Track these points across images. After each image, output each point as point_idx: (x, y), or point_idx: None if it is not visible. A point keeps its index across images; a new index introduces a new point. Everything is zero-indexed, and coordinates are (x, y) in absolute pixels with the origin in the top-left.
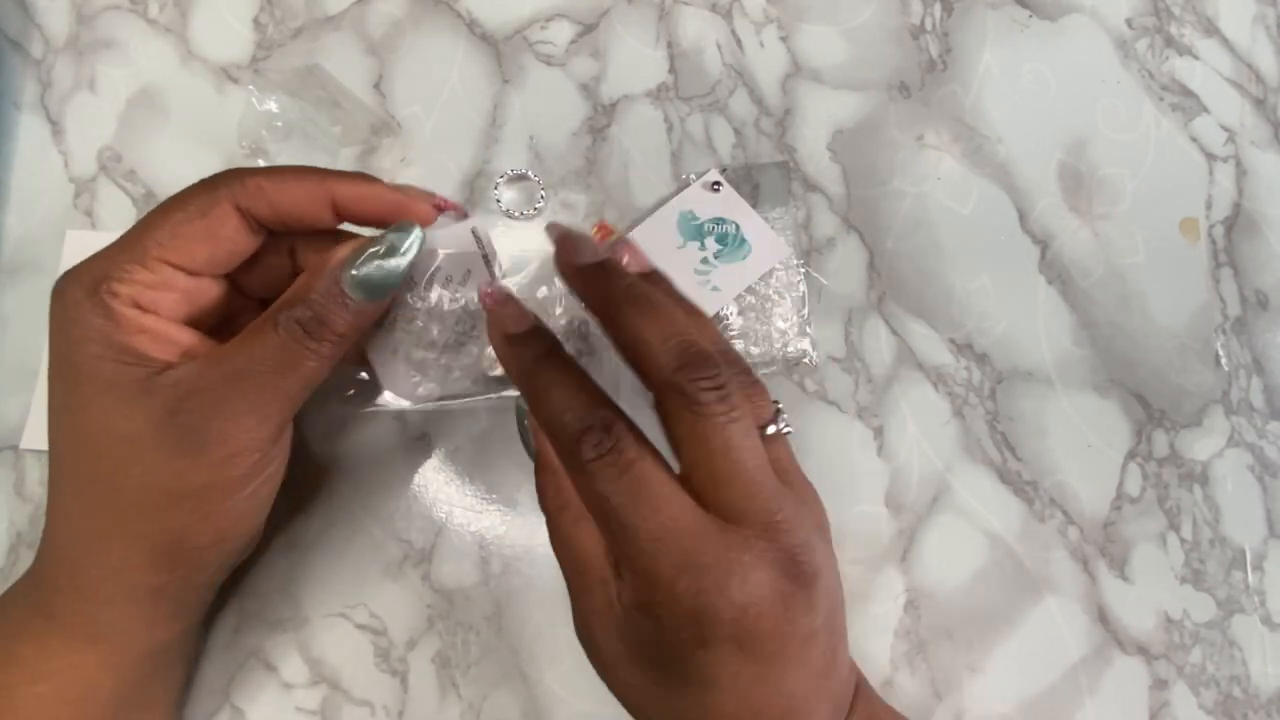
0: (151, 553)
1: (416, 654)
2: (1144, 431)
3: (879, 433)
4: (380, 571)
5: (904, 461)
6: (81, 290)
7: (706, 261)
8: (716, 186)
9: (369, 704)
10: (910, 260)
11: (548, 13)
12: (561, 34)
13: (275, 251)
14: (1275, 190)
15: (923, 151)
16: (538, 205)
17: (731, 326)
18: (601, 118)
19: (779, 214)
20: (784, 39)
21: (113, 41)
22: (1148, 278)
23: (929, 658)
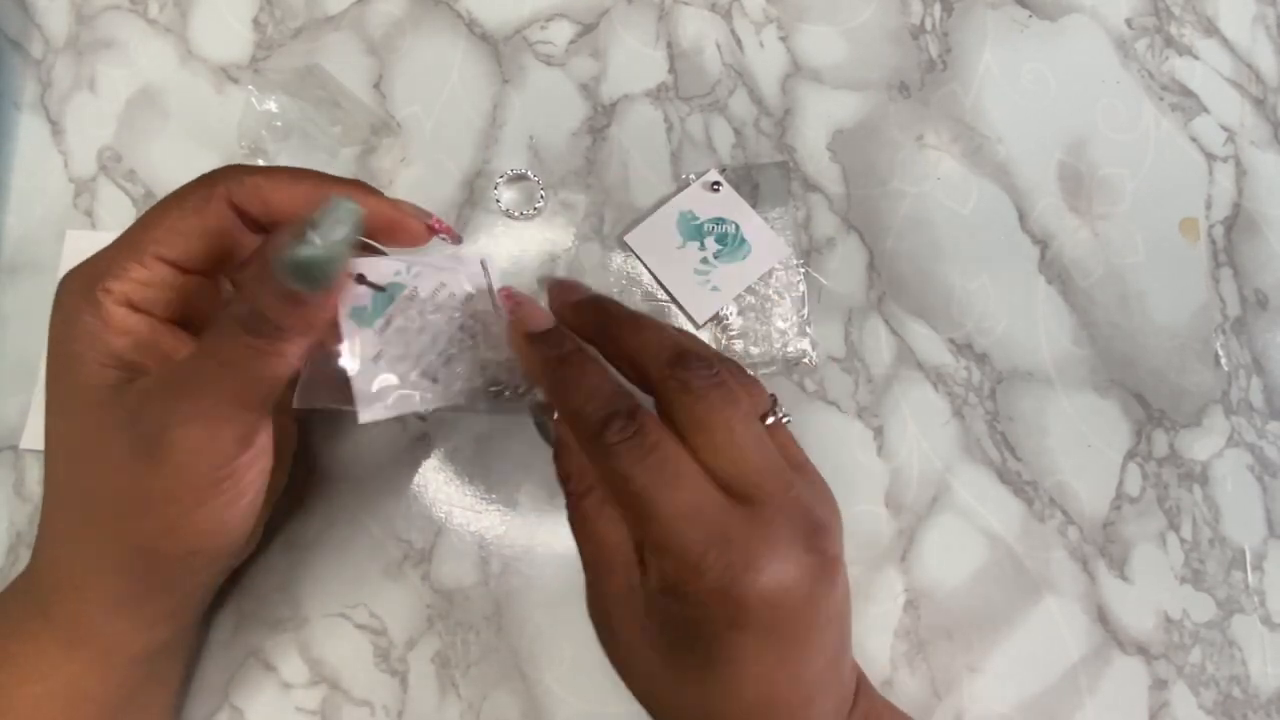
0: (123, 560)
1: (416, 654)
2: (1144, 431)
3: (879, 433)
4: (380, 571)
5: (904, 461)
6: (78, 288)
7: (706, 261)
8: (716, 186)
9: (369, 704)
10: (910, 260)
11: (548, 13)
12: (561, 34)
13: None
14: (1275, 190)
15: (922, 151)
16: (537, 205)
17: (731, 326)
18: (601, 118)
19: (779, 214)
20: (784, 39)
21: (113, 41)
22: (1148, 278)
23: (929, 658)
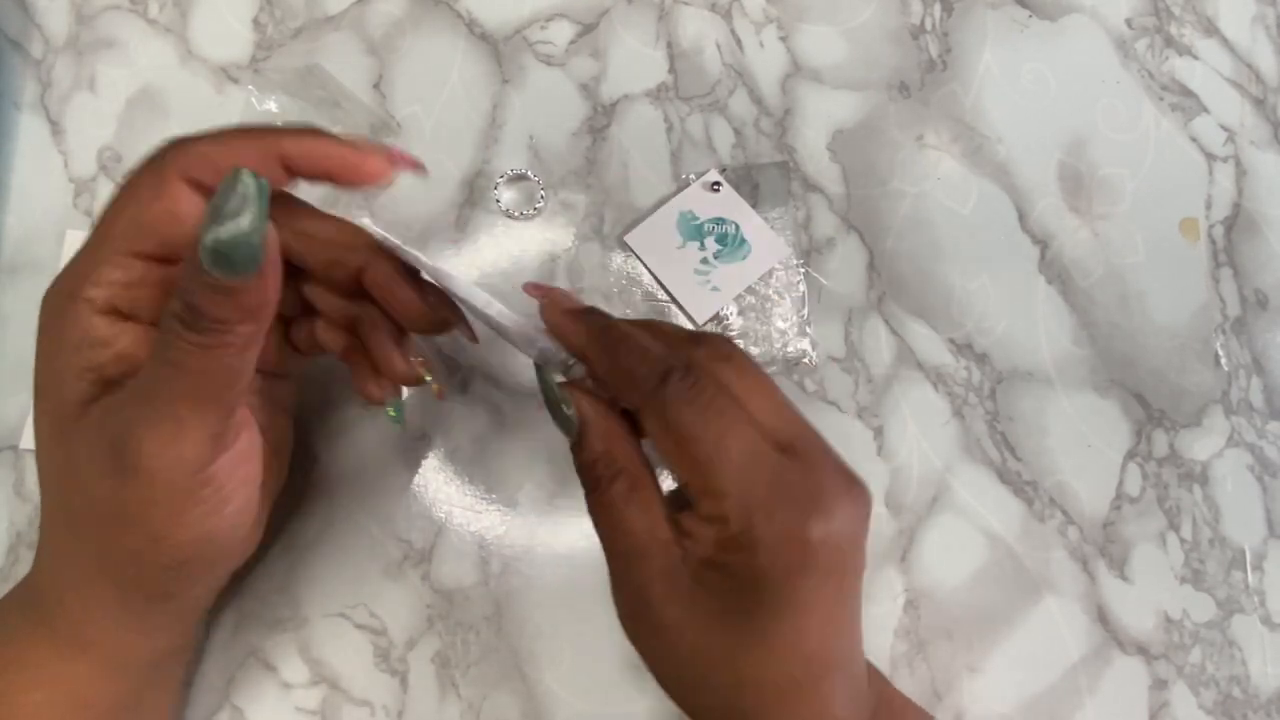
0: (116, 572)
1: (416, 654)
2: (1144, 431)
3: (879, 433)
4: (380, 571)
5: (904, 461)
6: (58, 301)
7: (706, 261)
8: (716, 186)
9: (369, 704)
10: (910, 260)
11: (547, 13)
12: (561, 34)
13: None
14: (1275, 190)
15: (922, 151)
16: (537, 205)
17: (731, 326)
18: (601, 118)
19: (779, 214)
20: (784, 39)
21: (113, 41)
22: (1148, 278)
23: (929, 658)
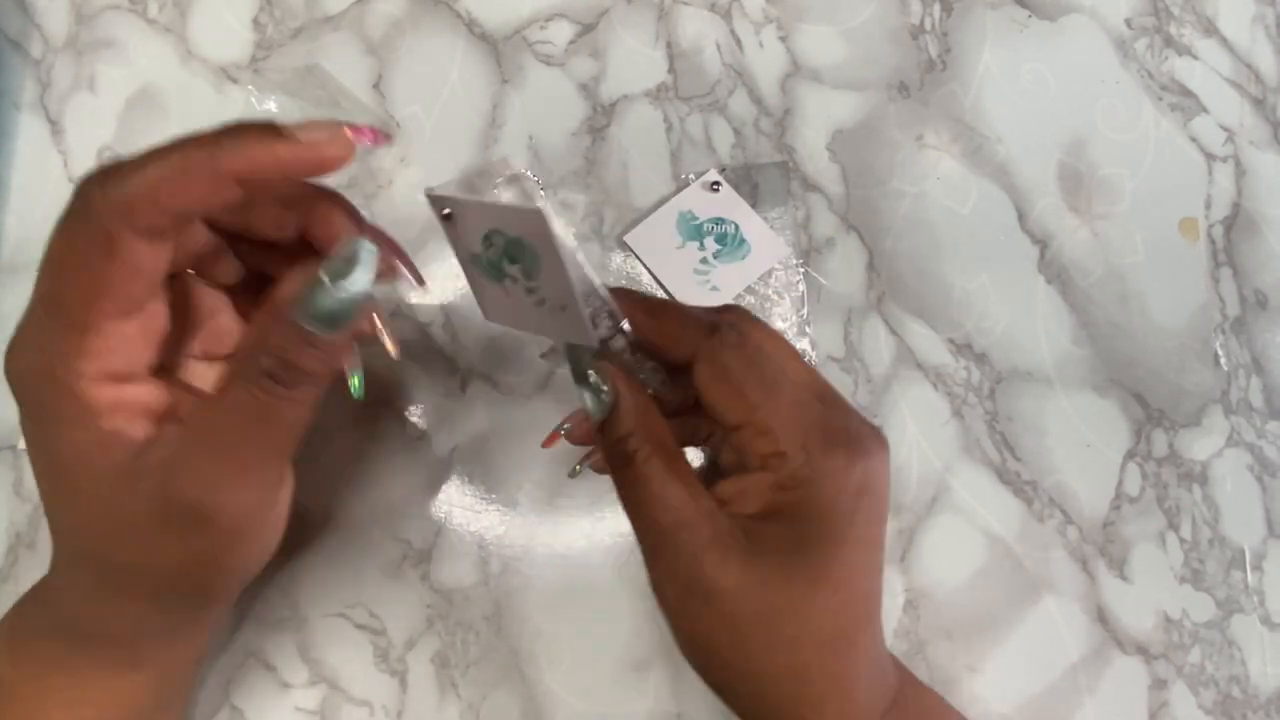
0: (166, 606)
1: (416, 654)
2: (1143, 431)
3: None
4: (380, 571)
5: (903, 461)
6: (44, 379)
7: (706, 261)
8: (716, 186)
9: (368, 704)
10: (910, 260)
11: (547, 13)
12: (561, 34)
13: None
14: (1275, 190)
15: (922, 151)
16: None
17: None
18: (601, 118)
19: (778, 214)
20: (783, 39)
21: (112, 41)
22: (1147, 278)
23: (929, 658)
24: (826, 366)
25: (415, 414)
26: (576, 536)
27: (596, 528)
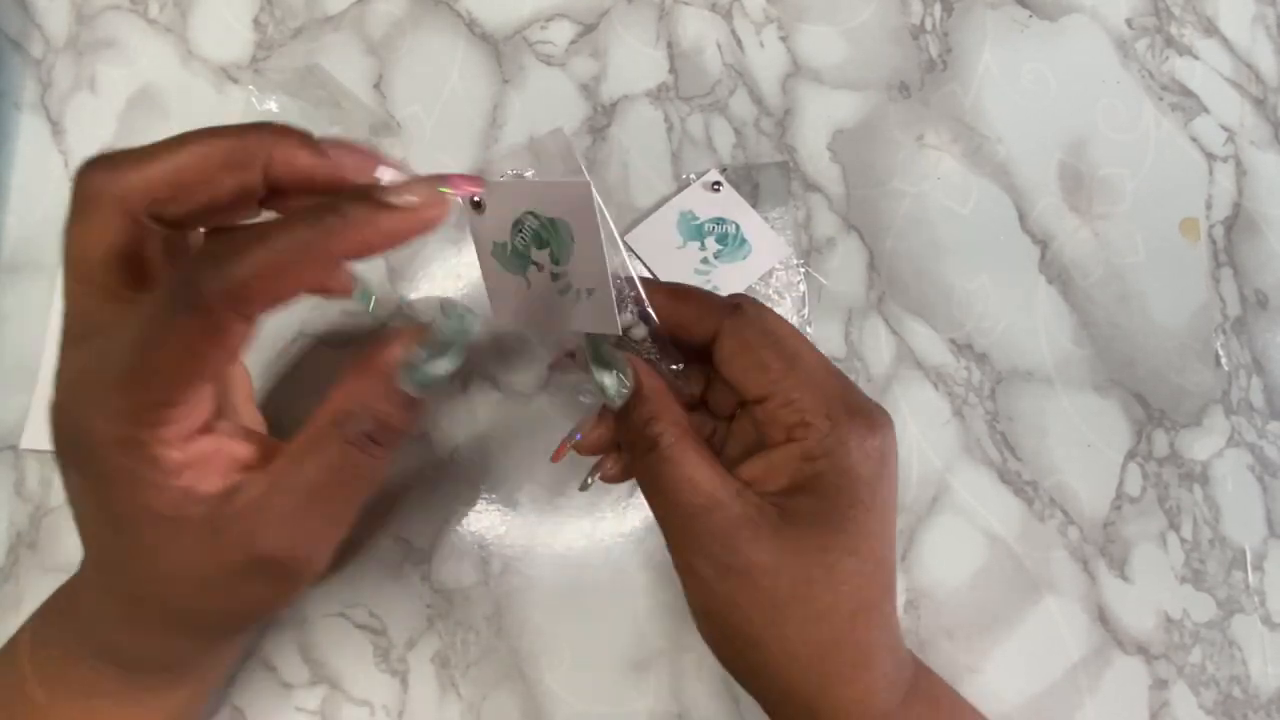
0: (221, 638)
1: (416, 654)
2: (1144, 431)
3: None
4: (380, 571)
5: (903, 461)
6: (119, 447)
7: (706, 261)
8: (716, 186)
9: (369, 704)
10: (910, 260)
11: (548, 13)
12: (561, 34)
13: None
14: (1275, 190)
15: (922, 151)
16: None
17: None
18: (601, 118)
19: (779, 214)
20: (784, 39)
21: (113, 41)
22: (1148, 278)
23: (929, 658)
24: None
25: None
26: (576, 536)
27: (596, 528)
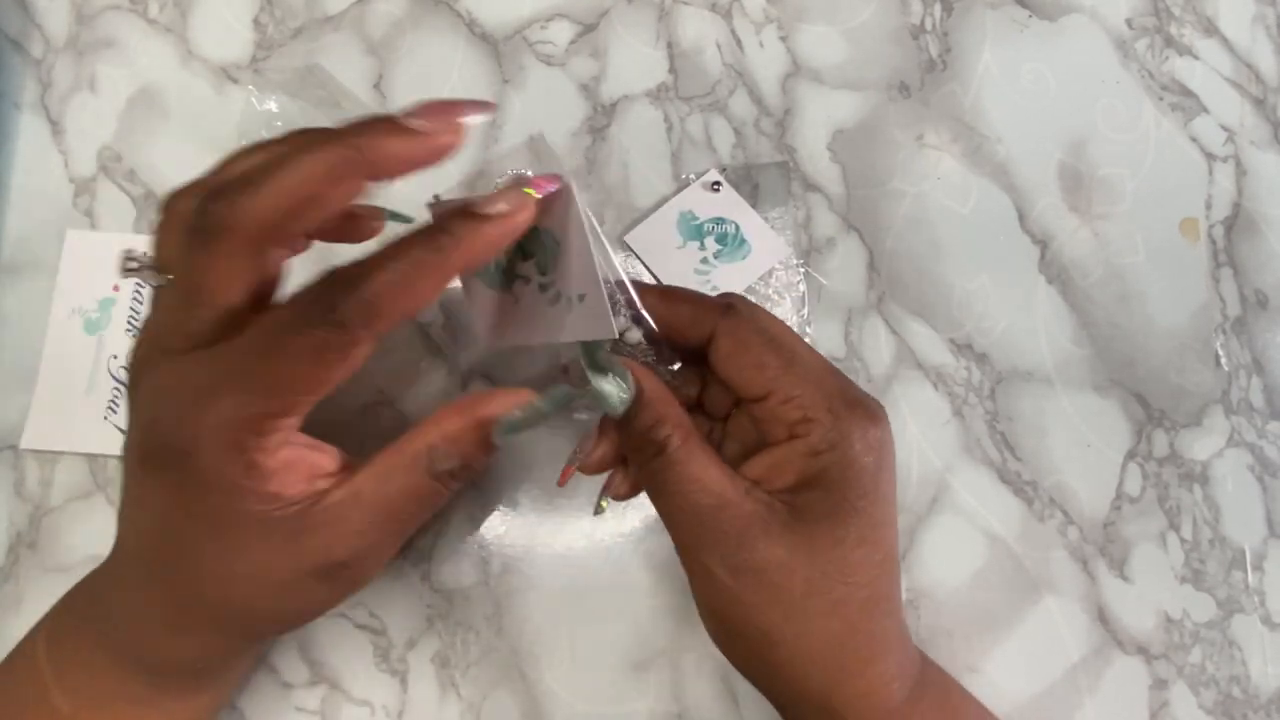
0: (275, 637)
1: (416, 654)
2: (1144, 431)
3: None
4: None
5: (903, 461)
6: (223, 450)
7: (706, 261)
8: (716, 186)
9: (369, 704)
10: (910, 260)
11: (548, 13)
12: (561, 34)
13: None
14: (1275, 190)
15: (922, 151)
16: None
17: None
18: (601, 118)
19: (779, 214)
20: (784, 39)
21: (113, 41)
22: (1148, 278)
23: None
24: None
25: (416, 414)
26: (576, 536)
27: (596, 528)
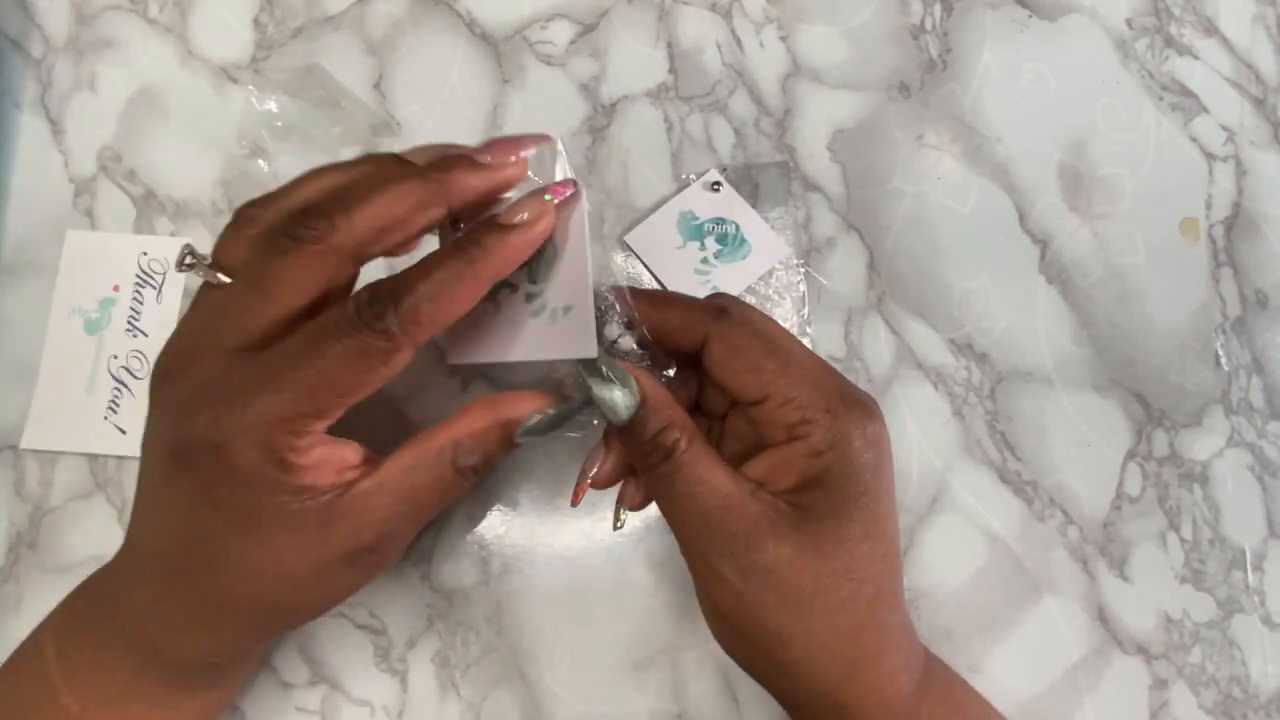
0: (276, 633)
1: (416, 654)
2: (1144, 431)
3: None
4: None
5: (903, 461)
6: (256, 450)
7: (706, 261)
8: (716, 186)
9: (369, 704)
10: (910, 260)
11: (548, 13)
12: (561, 34)
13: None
14: (1275, 190)
15: (922, 151)
16: None
17: None
18: (601, 118)
19: (779, 214)
20: (784, 39)
21: (113, 41)
22: (1148, 277)
23: None
24: None
25: (415, 414)
26: (576, 536)
27: (596, 528)
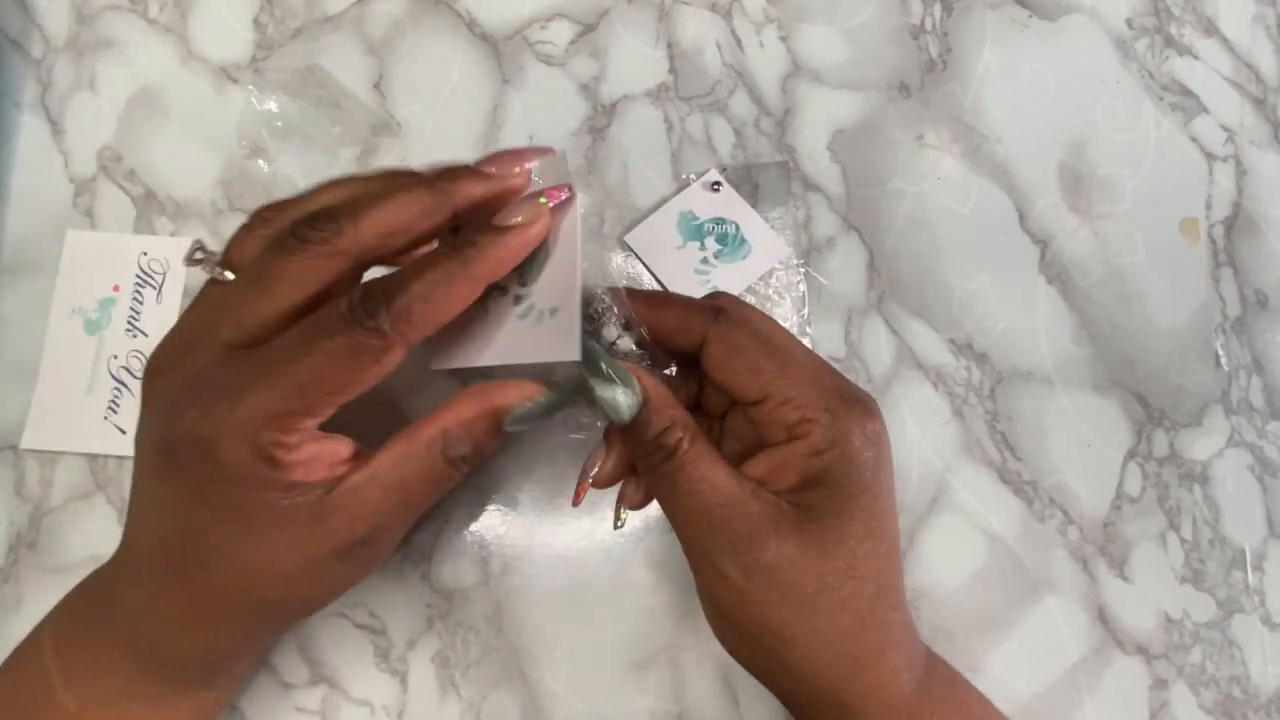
0: (274, 630)
1: (416, 654)
2: (1144, 431)
3: None
4: (380, 571)
5: (903, 461)
6: (244, 446)
7: (706, 261)
8: (716, 186)
9: (369, 704)
10: (910, 260)
11: (548, 13)
12: (561, 34)
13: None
14: (1275, 190)
15: (922, 151)
16: None
17: None
18: (601, 118)
19: (779, 214)
20: (784, 39)
21: (113, 41)
22: (1148, 277)
23: None
24: None
25: (413, 410)
26: (576, 536)
27: (596, 528)
